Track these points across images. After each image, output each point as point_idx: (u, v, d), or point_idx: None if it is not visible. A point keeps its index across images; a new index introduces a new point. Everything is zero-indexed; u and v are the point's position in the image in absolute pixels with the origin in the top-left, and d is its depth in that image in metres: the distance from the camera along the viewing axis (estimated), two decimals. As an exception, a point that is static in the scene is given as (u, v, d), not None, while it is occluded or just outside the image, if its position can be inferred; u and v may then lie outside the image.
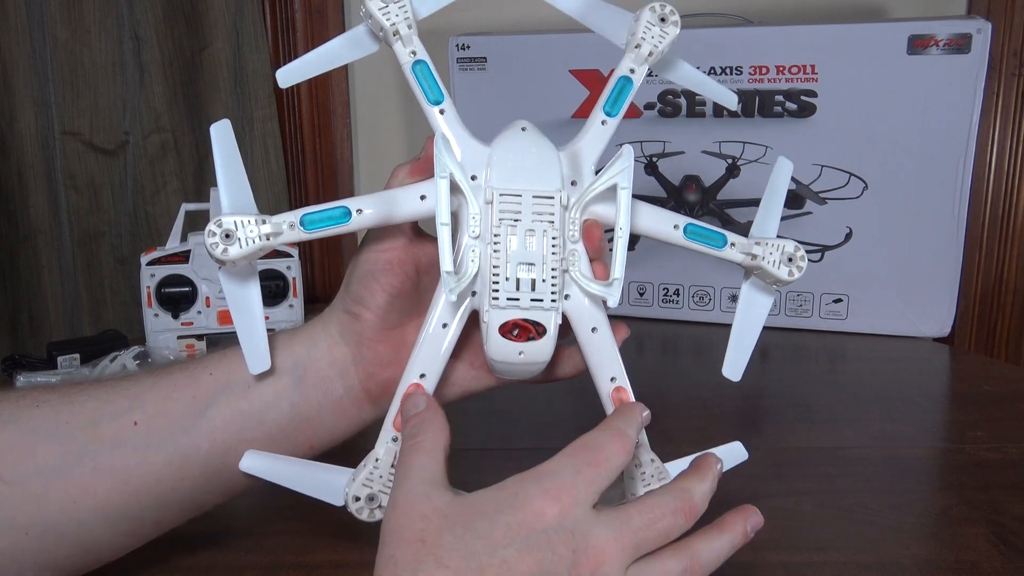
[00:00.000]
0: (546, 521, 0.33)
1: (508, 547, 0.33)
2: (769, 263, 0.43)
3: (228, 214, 0.39)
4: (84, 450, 0.41)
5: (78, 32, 1.07)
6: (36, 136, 1.07)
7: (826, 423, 0.71)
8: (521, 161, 0.40)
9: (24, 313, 1.11)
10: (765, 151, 0.94)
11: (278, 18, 1.15)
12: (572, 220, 0.40)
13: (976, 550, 0.50)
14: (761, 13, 1.05)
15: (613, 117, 0.42)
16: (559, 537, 0.33)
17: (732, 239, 0.43)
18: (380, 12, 0.40)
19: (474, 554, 0.33)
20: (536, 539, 0.33)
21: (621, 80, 0.43)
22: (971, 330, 1.11)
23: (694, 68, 0.45)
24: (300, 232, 0.39)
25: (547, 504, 0.34)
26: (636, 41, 0.42)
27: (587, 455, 0.35)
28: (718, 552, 0.37)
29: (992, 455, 0.63)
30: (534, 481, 0.34)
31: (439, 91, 0.41)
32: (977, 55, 0.86)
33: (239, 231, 0.38)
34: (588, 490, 0.34)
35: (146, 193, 1.13)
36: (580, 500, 0.34)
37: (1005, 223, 1.08)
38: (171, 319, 0.83)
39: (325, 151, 1.20)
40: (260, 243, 0.39)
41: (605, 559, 0.34)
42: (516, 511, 0.34)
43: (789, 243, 0.43)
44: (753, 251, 0.43)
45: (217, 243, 0.38)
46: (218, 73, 1.12)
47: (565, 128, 0.99)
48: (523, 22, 1.09)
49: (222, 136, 0.40)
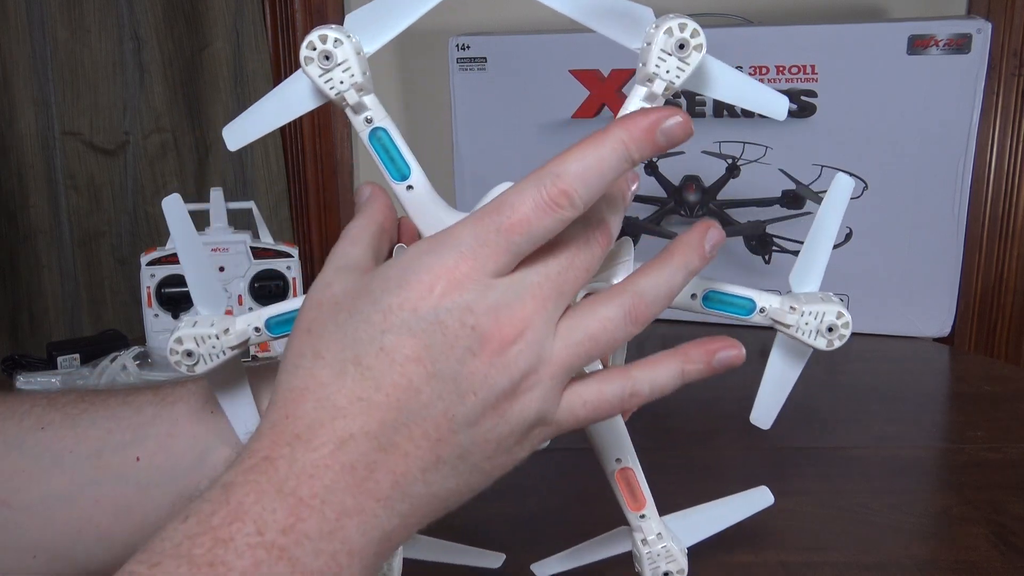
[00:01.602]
0: (434, 299, 0.29)
1: (387, 332, 0.29)
2: (804, 334, 0.36)
3: (188, 327, 0.35)
4: (88, 481, 0.41)
5: (78, 32, 1.07)
6: (36, 136, 1.07)
7: (826, 423, 0.71)
8: None
9: (24, 313, 1.11)
10: (765, 151, 0.94)
11: (278, 18, 1.15)
12: None
13: (976, 550, 0.50)
14: (761, 13, 1.05)
15: None
16: (451, 316, 0.29)
17: (762, 303, 0.36)
18: (322, 81, 0.34)
19: (352, 343, 0.29)
20: (421, 320, 0.29)
21: None
22: (971, 330, 1.11)
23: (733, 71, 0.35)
24: (267, 335, 0.36)
25: (436, 279, 0.29)
26: (647, 73, 0.33)
27: (496, 218, 0.29)
28: (666, 283, 0.32)
29: (992, 455, 0.63)
30: (428, 253, 0.29)
31: (404, 163, 0.35)
32: (977, 55, 0.86)
33: (200, 348, 0.35)
34: (494, 261, 0.29)
35: (146, 193, 1.13)
36: (480, 272, 0.29)
37: (1005, 223, 1.08)
38: (171, 319, 0.83)
39: (325, 151, 1.20)
40: (226, 356, 0.36)
41: (520, 324, 0.29)
42: (401, 289, 0.29)
43: (831, 309, 0.36)
44: (785, 320, 0.36)
45: (180, 362, 0.35)
46: (218, 73, 1.12)
47: (565, 128, 0.99)
48: (523, 22, 1.09)
49: (175, 212, 0.36)
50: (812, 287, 0.37)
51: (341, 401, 0.29)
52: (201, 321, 0.36)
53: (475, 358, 0.29)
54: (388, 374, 0.29)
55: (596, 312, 0.31)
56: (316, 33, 0.33)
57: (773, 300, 0.36)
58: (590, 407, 0.32)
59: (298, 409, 0.29)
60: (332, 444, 0.28)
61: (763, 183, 0.95)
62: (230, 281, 0.84)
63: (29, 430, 0.41)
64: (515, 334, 0.29)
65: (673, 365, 0.33)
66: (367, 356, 0.29)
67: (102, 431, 0.42)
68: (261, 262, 0.85)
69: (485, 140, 1.03)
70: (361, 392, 0.29)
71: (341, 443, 0.28)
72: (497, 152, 1.03)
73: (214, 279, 0.37)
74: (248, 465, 0.29)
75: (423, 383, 0.29)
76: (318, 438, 0.28)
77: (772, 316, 0.36)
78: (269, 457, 0.29)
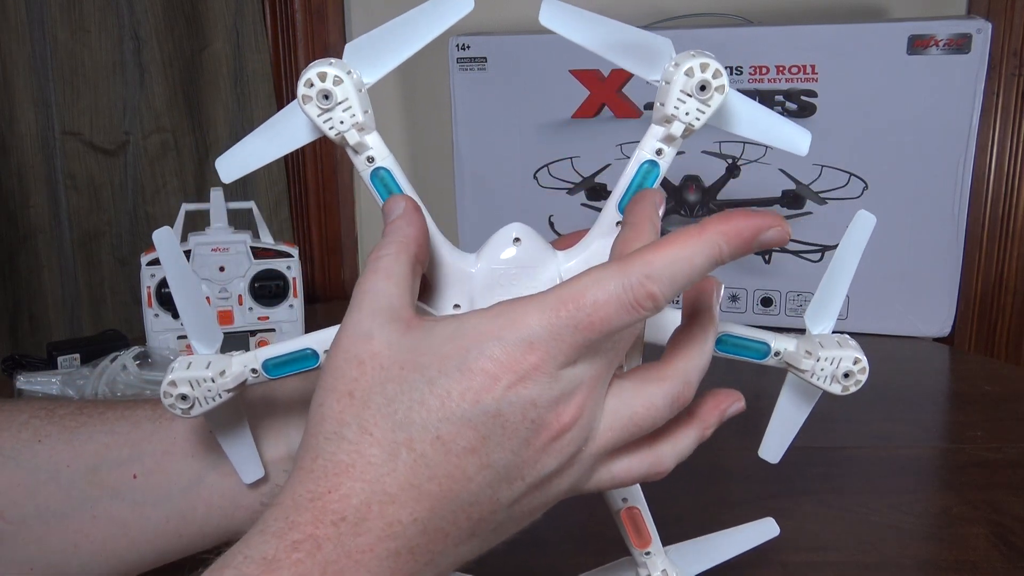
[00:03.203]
0: (497, 392, 0.27)
1: (444, 421, 0.27)
2: (819, 380, 0.34)
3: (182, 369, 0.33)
4: (84, 497, 0.41)
5: (78, 32, 1.07)
6: (36, 136, 1.07)
7: (826, 423, 0.71)
8: (512, 289, 0.34)
9: (24, 313, 1.11)
10: (765, 151, 0.94)
11: (278, 18, 1.15)
12: None
13: (976, 550, 0.50)
14: (761, 13, 1.05)
15: None
16: (514, 409, 0.27)
17: (776, 347, 0.35)
18: (321, 121, 0.32)
19: (405, 424, 0.28)
20: (481, 413, 0.27)
21: (645, 166, 0.33)
22: (971, 330, 1.11)
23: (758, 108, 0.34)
24: (264, 377, 0.34)
25: (503, 372, 0.27)
26: (666, 114, 0.32)
27: (576, 313, 0.27)
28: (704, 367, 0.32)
29: (992, 455, 0.63)
30: (494, 339, 0.28)
31: None
32: (977, 55, 0.86)
33: (195, 391, 0.33)
34: (565, 356, 0.28)
35: (146, 193, 1.13)
36: (548, 369, 0.28)
37: (1005, 223, 1.08)
38: (171, 319, 0.83)
39: (325, 151, 1.20)
40: (222, 399, 0.34)
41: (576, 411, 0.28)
42: (462, 375, 0.27)
43: (848, 354, 0.34)
44: (801, 365, 0.34)
45: (175, 405, 0.34)
46: (218, 73, 1.12)
47: (565, 128, 0.99)
48: (523, 22, 1.09)
49: (167, 245, 0.34)
50: (827, 328, 0.36)
51: (392, 487, 0.28)
52: (196, 363, 0.34)
53: (529, 447, 0.28)
54: (443, 464, 0.28)
55: (644, 394, 0.30)
56: (315, 70, 0.32)
57: (788, 344, 0.35)
58: (617, 480, 0.32)
59: (343, 486, 0.28)
60: (381, 531, 0.28)
61: (763, 183, 0.94)
62: (230, 281, 0.84)
63: (26, 443, 0.41)
64: (571, 422, 0.29)
65: (693, 434, 0.33)
66: (421, 442, 0.28)
67: (99, 446, 0.41)
68: (261, 262, 0.85)
69: (485, 140, 1.03)
70: (414, 480, 0.28)
71: (389, 530, 0.28)
72: (497, 152, 1.03)
73: (209, 314, 0.36)
74: (291, 541, 0.28)
75: (475, 473, 0.28)
76: (366, 523, 0.28)
77: (787, 360, 0.35)
78: (314, 536, 0.28)
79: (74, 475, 0.41)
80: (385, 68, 0.34)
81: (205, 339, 0.35)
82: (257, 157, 0.35)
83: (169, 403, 0.34)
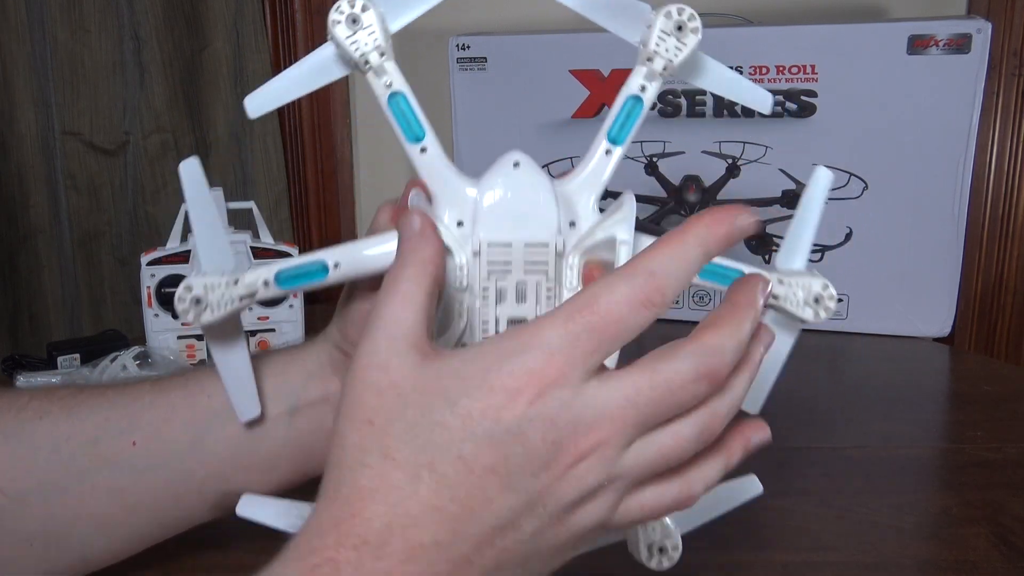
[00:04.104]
0: (519, 409, 0.27)
1: (466, 441, 0.27)
2: (791, 304, 0.37)
3: (199, 275, 0.36)
4: (84, 469, 0.41)
5: (78, 32, 1.07)
6: (36, 136, 1.07)
7: (826, 423, 0.71)
8: (512, 205, 0.36)
9: (24, 313, 1.11)
10: (765, 151, 0.94)
11: (278, 18, 1.15)
12: (570, 266, 0.36)
13: (976, 550, 0.50)
14: (761, 13, 1.05)
15: (620, 145, 0.37)
16: (534, 428, 0.27)
17: None
18: (347, 41, 0.35)
19: (427, 447, 0.28)
20: (503, 431, 0.27)
21: (630, 101, 0.37)
22: (971, 330, 1.11)
23: (725, 68, 0.38)
24: (275, 289, 0.36)
25: (523, 387, 0.27)
26: (648, 53, 0.36)
27: (589, 316, 0.28)
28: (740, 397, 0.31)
29: (992, 455, 0.63)
30: (513, 353, 0.28)
31: (419, 126, 0.37)
32: (977, 55, 0.86)
33: (209, 295, 0.35)
34: (584, 363, 0.28)
35: (146, 193, 1.13)
36: (570, 376, 0.28)
37: (1005, 223, 1.08)
38: (171, 319, 0.83)
39: (325, 151, 1.20)
40: (233, 306, 0.36)
41: (597, 442, 0.28)
42: (483, 395, 0.28)
43: (817, 281, 0.37)
44: (776, 291, 0.37)
45: (187, 310, 0.35)
46: (218, 73, 1.12)
47: (565, 128, 0.99)
48: (523, 22, 1.09)
49: (192, 176, 0.36)
50: (798, 266, 0.38)
51: (414, 509, 0.28)
52: (211, 271, 0.36)
53: (548, 471, 0.28)
54: (464, 484, 0.28)
55: (673, 430, 0.30)
56: None
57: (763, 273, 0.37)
58: (647, 510, 0.32)
59: (366, 510, 0.28)
60: (402, 554, 0.27)
61: (763, 183, 0.95)
62: (230, 281, 0.84)
63: (27, 421, 0.42)
64: (590, 450, 0.28)
65: (720, 461, 0.33)
66: (443, 464, 0.28)
67: (100, 419, 0.42)
68: (261, 262, 0.84)
69: (485, 140, 1.03)
70: (436, 501, 0.28)
71: (410, 553, 0.28)
72: (497, 152, 1.02)
73: (224, 243, 0.37)
74: (311, 564, 0.28)
75: (497, 494, 0.28)
76: (388, 546, 0.27)
77: None
78: (334, 560, 0.27)
79: (74, 448, 0.41)
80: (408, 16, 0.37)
81: (217, 265, 0.37)
82: (284, 93, 0.37)
83: (183, 308, 0.35)
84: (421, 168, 0.37)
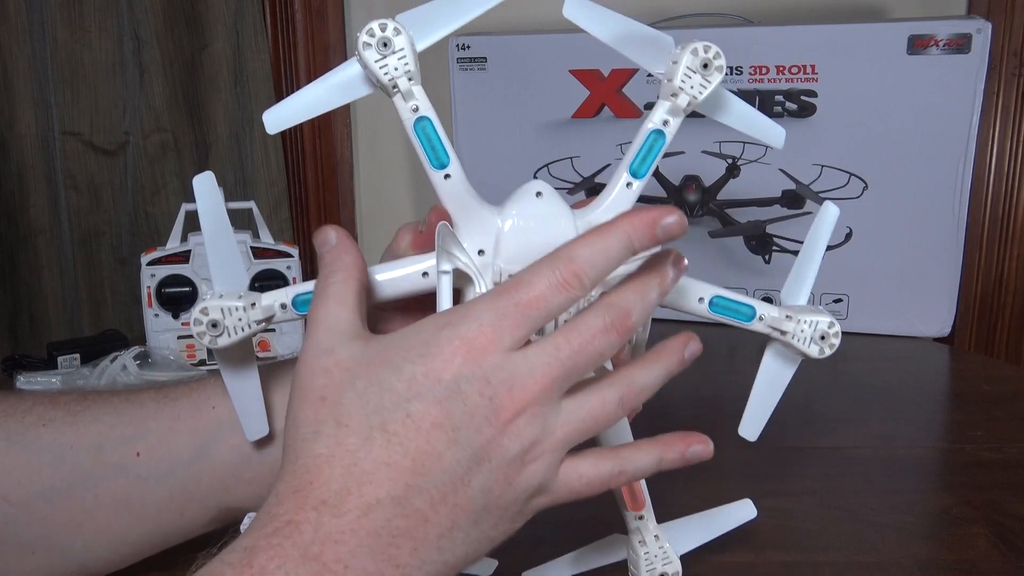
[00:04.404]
0: (455, 368, 0.30)
1: (412, 400, 0.30)
2: (799, 341, 0.39)
3: (215, 298, 0.36)
4: (88, 475, 0.41)
5: (78, 32, 1.07)
6: (36, 136, 1.07)
7: (826, 423, 0.71)
8: (533, 236, 0.37)
9: (24, 313, 1.11)
10: (765, 151, 0.94)
11: (278, 18, 1.15)
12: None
13: (976, 550, 0.50)
14: (761, 13, 1.05)
15: (640, 179, 0.37)
16: (471, 386, 0.30)
17: (761, 311, 0.39)
18: (377, 66, 0.35)
19: (377, 410, 0.30)
20: (444, 389, 0.30)
21: (652, 135, 0.37)
22: (971, 330, 1.11)
23: (743, 103, 0.40)
24: (292, 313, 0.37)
25: (458, 350, 0.31)
26: (673, 88, 0.37)
27: (515, 295, 0.32)
28: (654, 379, 0.34)
29: (992, 455, 0.63)
30: (449, 325, 0.31)
31: (444, 153, 0.37)
32: (977, 55, 0.86)
33: (226, 319, 0.36)
34: (511, 334, 0.31)
35: (146, 193, 1.13)
36: (498, 343, 0.31)
37: (1005, 223, 1.08)
38: (171, 319, 0.83)
39: (325, 151, 1.20)
40: (250, 330, 0.36)
41: (531, 397, 0.31)
42: (424, 359, 0.31)
43: (823, 319, 0.39)
44: (784, 327, 0.39)
45: (204, 333, 0.36)
46: (218, 73, 1.12)
47: (565, 128, 0.99)
48: (523, 22, 1.09)
49: (206, 190, 0.37)
50: (801, 301, 0.40)
51: (368, 467, 0.30)
52: (227, 295, 0.36)
53: (490, 426, 0.31)
54: (414, 440, 0.30)
55: (598, 393, 0.33)
56: (376, 22, 0.35)
57: (772, 309, 0.39)
58: (584, 481, 0.34)
59: (323, 475, 0.30)
60: (359, 510, 0.29)
61: (763, 183, 0.95)
62: (230, 281, 0.84)
63: (31, 427, 0.42)
64: (524, 405, 0.31)
65: (655, 452, 0.35)
66: (393, 423, 0.30)
67: (103, 426, 0.42)
68: (261, 262, 0.85)
69: (485, 140, 1.03)
70: (388, 458, 0.30)
71: (367, 509, 0.29)
72: (497, 152, 1.03)
73: (238, 262, 0.37)
74: (271, 529, 0.29)
75: (445, 449, 0.30)
76: (345, 504, 0.29)
77: (771, 323, 0.39)
78: (293, 521, 0.29)
79: (78, 455, 0.41)
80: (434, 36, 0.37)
81: (230, 284, 0.37)
82: (306, 110, 0.37)
83: (199, 331, 0.36)
84: (444, 195, 0.37)
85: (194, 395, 0.43)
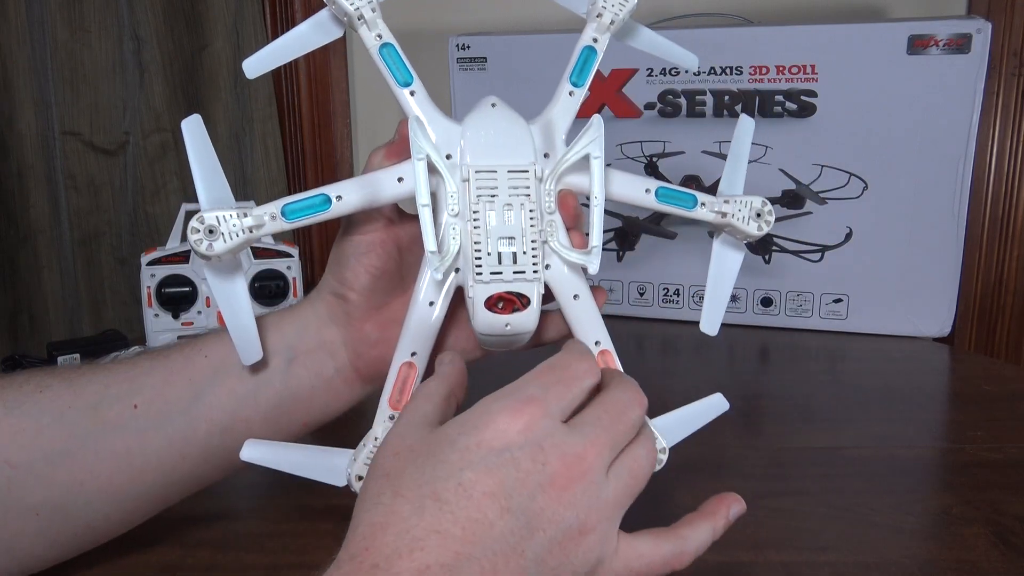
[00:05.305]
0: (508, 438, 0.32)
1: (464, 469, 0.31)
2: (739, 220, 0.44)
3: (208, 209, 0.38)
4: (87, 433, 0.42)
5: (78, 32, 1.07)
6: (36, 136, 1.07)
7: (826, 423, 0.71)
8: (494, 137, 0.41)
9: (24, 313, 1.11)
10: (765, 151, 0.94)
11: (278, 18, 1.15)
12: (547, 192, 0.41)
13: (976, 550, 0.50)
14: (761, 13, 1.05)
15: (580, 87, 0.44)
16: (524, 453, 0.31)
17: (702, 199, 0.44)
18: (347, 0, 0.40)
19: (431, 480, 0.31)
20: (496, 457, 0.31)
21: (585, 50, 0.44)
22: (971, 330, 1.11)
23: (655, 33, 0.46)
24: (282, 222, 0.39)
25: (510, 420, 0.32)
26: (597, 11, 0.43)
27: (555, 373, 0.34)
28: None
29: (992, 455, 0.63)
30: (498, 399, 0.33)
31: (408, 72, 0.42)
32: (977, 55, 0.86)
33: (221, 226, 0.38)
34: (557, 404, 0.33)
35: (146, 193, 1.13)
36: (548, 413, 0.33)
37: (1005, 223, 1.08)
38: (171, 319, 0.83)
39: (325, 151, 1.20)
40: (244, 236, 0.39)
41: (586, 465, 0.32)
42: (477, 431, 0.32)
43: (756, 199, 0.44)
44: (723, 209, 0.44)
45: (201, 239, 0.38)
46: (218, 73, 1.12)
47: (565, 128, 0.99)
48: (523, 22, 1.09)
49: (194, 131, 0.40)
50: (737, 192, 0.45)
51: (420, 533, 0.30)
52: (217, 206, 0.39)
53: (544, 494, 0.31)
54: (465, 508, 0.30)
55: (628, 453, 0.35)
56: None
57: (710, 197, 0.45)
58: (645, 561, 0.35)
59: (377, 541, 0.30)
60: (409, 573, 0.29)
61: (763, 183, 0.95)
62: (230, 281, 0.84)
63: (29, 394, 0.43)
64: (580, 473, 0.32)
65: (707, 525, 0.37)
66: (445, 491, 0.31)
67: (100, 386, 0.43)
68: (261, 262, 0.85)
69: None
70: (438, 525, 0.30)
71: (418, 573, 0.29)
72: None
73: (224, 183, 0.40)
74: None
75: (497, 517, 0.30)
76: (395, 566, 0.29)
77: (712, 207, 0.44)
78: None
79: (77, 414, 0.42)
80: None
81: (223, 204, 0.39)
82: (280, 55, 0.41)
83: (196, 238, 0.38)
84: (411, 109, 0.41)
85: (186, 349, 0.45)
